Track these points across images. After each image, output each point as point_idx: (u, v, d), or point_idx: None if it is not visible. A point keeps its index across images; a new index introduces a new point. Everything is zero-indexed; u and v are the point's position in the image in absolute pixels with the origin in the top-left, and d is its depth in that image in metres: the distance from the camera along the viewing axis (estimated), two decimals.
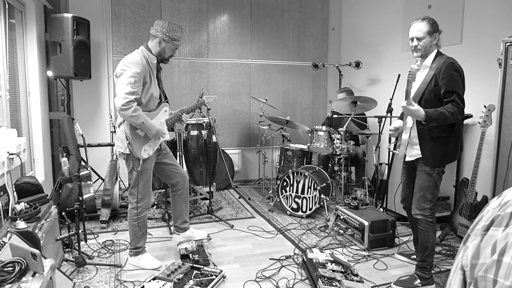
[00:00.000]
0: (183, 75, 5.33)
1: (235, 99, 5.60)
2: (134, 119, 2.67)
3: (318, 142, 4.27)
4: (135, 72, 2.68)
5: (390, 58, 4.85)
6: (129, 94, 2.63)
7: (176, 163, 3.22)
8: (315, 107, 6.01)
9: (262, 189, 5.24)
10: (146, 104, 2.82)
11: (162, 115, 2.98)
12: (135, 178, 2.86)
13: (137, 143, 2.79)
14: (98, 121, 5.02)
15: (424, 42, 2.56)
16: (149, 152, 2.86)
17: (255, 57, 5.61)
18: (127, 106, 2.62)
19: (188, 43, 5.29)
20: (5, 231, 2.24)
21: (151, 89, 2.83)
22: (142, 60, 2.76)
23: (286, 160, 4.68)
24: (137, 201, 2.90)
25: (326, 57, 5.92)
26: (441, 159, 2.60)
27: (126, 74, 2.67)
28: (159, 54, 2.88)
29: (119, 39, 4.99)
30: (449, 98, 2.47)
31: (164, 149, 3.12)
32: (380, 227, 3.37)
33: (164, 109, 3.01)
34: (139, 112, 2.68)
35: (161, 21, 2.85)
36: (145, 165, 2.87)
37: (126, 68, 2.69)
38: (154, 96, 2.87)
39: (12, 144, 2.95)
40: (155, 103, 2.91)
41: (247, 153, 5.76)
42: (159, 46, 2.85)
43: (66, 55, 4.11)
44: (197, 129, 4.07)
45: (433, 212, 2.66)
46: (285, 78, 5.80)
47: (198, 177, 4.20)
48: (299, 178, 4.12)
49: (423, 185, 2.63)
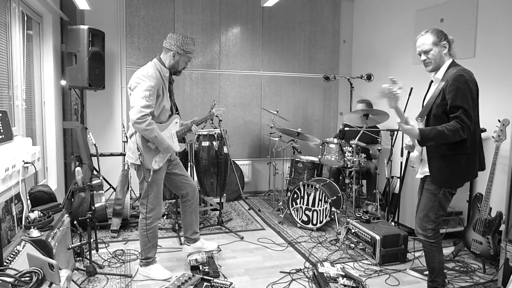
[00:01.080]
0: (194, 86, 5.39)
1: (246, 110, 5.64)
2: (147, 132, 2.70)
3: (330, 154, 4.27)
4: (150, 85, 2.71)
5: (402, 71, 4.85)
6: (145, 107, 2.67)
7: (186, 173, 3.24)
8: (326, 119, 6.02)
9: (272, 201, 5.23)
10: (158, 116, 2.86)
11: (172, 127, 3.02)
12: (145, 189, 2.89)
13: (148, 155, 2.82)
14: (110, 131, 5.09)
15: (432, 54, 2.46)
16: (160, 163, 2.88)
17: (266, 69, 5.67)
18: (142, 119, 2.65)
19: (200, 54, 5.37)
20: (19, 239, 2.27)
21: (164, 101, 2.87)
22: (156, 74, 2.79)
23: (297, 172, 4.68)
24: (148, 212, 2.93)
25: (337, 70, 5.95)
26: (447, 178, 2.45)
27: (141, 87, 2.70)
28: (173, 67, 2.92)
29: (133, 50, 5.08)
30: (454, 113, 2.33)
31: (174, 160, 3.15)
32: (392, 241, 3.33)
33: (175, 120, 3.05)
34: (153, 126, 2.71)
35: (175, 35, 2.88)
36: (156, 175, 2.89)
37: (140, 82, 2.72)
38: (166, 109, 2.91)
39: (27, 152, 2.99)
40: (166, 116, 2.95)
41: (257, 164, 5.77)
42: (173, 59, 2.89)
43: (81, 65, 4.20)
44: (208, 140, 4.10)
45: (436, 233, 2.56)
46: (296, 90, 5.83)
47: (208, 188, 4.21)
48: (310, 191, 4.11)
49: (427, 204, 2.53)
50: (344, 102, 5.91)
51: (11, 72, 3.25)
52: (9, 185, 2.67)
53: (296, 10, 5.70)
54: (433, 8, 4.35)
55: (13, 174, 2.71)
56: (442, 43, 2.47)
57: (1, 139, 2.66)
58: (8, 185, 2.64)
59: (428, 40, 2.47)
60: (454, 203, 3.48)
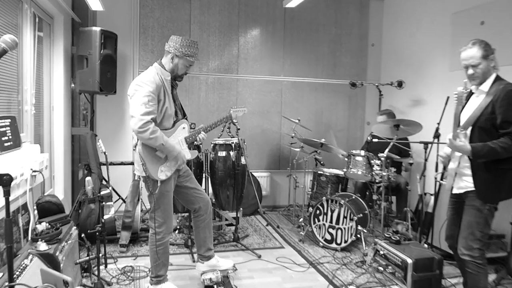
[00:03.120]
0: (210, 92, 5.44)
1: (265, 118, 5.66)
2: (152, 141, 2.71)
3: (356, 167, 4.23)
4: (148, 91, 2.72)
5: (436, 78, 4.80)
6: (145, 115, 2.68)
7: (198, 186, 3.25)
8: (351, 129, 5.99)
9: (292, 217, 5.21)
10: (161, 122, 2.86)
11: (180, 133, 3.01)
12: (154, 202, 2.89)
13: (152, 164, 2.82)
14: (121, 138, 5.14)
15: (481, 68, 2.52)
16: (167, 173, 2.87)
17: (288, 73, 5.69)
18: (144, 128, 2.67)
19: (218, 58, 5.42)
20: (27, 253, 2.32)
21: (165, 106, 2.87)
22: (155, 78, 2.81)
23: (319, 186, 4.65)
24: (158, 226, 2.93)
25: (365, 75, 5.92)
26: (496, 194, 2.51)
27: (139, 94, 2.72)
28: (172, 71, 2.94)
29: (146, 53, 5.17)
30: (506, 129, 2.43)
31: (186, 172, 3.15)
32: (425, 265, 3.27)
33: (182, 126, 3.03)
34: (157, 134, 2.72)
35: (175, 36, 2.90)
36: (165, 187, 2.89)
37: (138, 88, 2.74)
38: (169, 114, 2.91)
39: (35, 160, 3.06)
40: (170, 122, 2.95)
41: (277, 177, 5.76)
42: (172, 62, 2.91)
43: (93, 69, 4.26)
44: (225, 149, 4.10)
45: (483, 253, 2.55)
46: (319, 96, 5.83)
47: (224, 201, 4.22)
48: (334, 207, 4.08)
49: (472, 222, 2.54)
50: (371, 111, 5.87)
51: (21, 76, 3.34)
52: (17, 195, 2.74)
53: (320, 11, 5.73)
54: (472, 10, 4.31)
55: (20, 183, 2.78)
56: (490, 56, 2.53)
57: (9, 146, 2.72)
58: (15, 195, 2.70)
59: (477, 54, 2.51)
60: (496, 225, 3.40)
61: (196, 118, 5.24)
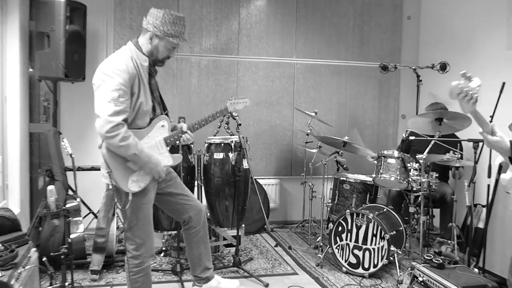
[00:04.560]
0: (204, 78, 5.39)
1: (273, 111, 5.61)
2: (123, 149, 2.68)
3: (388, 173, 4.20)
4: (118, 83, 2.66)
5: (490, 59, 4.72)
6: (114, 115, 2.62)
7: (186, 191, 3.22)
8: (382, 124, 5.94)
9: (307, 235, 5.17)
10: (133, 121, 2.83)
11: (157, 133, 2.97)
12: (129, 217, 2.85)
13: (120, 172, 2.77)
14: (91, 136, 4.94)
15: None
16: (141, 183, 2.83)
17: (302, 54, 5.62)
18: (112, 132, 2.62)
19: (213, 35, 5.37)
20: None
21: (140, 101, 2.83)
22: (128, 64, 2.75)
23: (342, 196, 4.62)
24: (135, 248, 2.89)
25: (399, 56, 5.87)
26: None
27: (107, 87, 2.66)
28: (151, 54, 2.89)
29: (123, 29, 5.12)
30: None
31: (168, 174, 3.10)
32: None
33: (161, 123, 2.99)
34: (129, 141, 2.68)
35: (155, 10, 2.85)
36: (140, 199, 2.85)
37: (105, 79, 2.68)
38: (144, 111, 2.87)
39: None
40: (146, 120, 2.92)
41: (288, 185, 5.72)
42: (150, 43, 2.86)
43: (56, 49, 4.21)
44: (222, 151, 4.05)
45: None
46: (342, 83, 5.77)
47: (222, 216, 4.18)
48: (360, 222, 4.05)
49: None
50: (408, 101, 5.81)
51: None
52: None
53: None
54: None
55: None
56: None
57: None
58: None
59: None
60: None
61: (186, 112, 5.20)
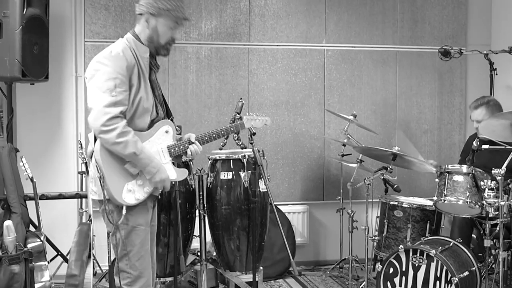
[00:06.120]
0: (205, 72, 4.99)
1: (297, 115, 5.16)
2: (120, 147, 2.67)
3: (454, 194, 3.99)
4: (115, 71, 2.73)
5: None
6: (110, 106, 2.67)
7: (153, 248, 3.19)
8: (445, 128, 5.47)
9: (347, 280, 4.78)
10: (131, 120, 2.83)
11: (161, 139, 2.98)
12: (122, 243, 2.83)
13: (114, 177, 2.77)
14: (58, 155, 4.87)
15: None
16: (139, 195, 2.81)
17: (334, 39, 5.22)
18: (109, 126, 2.64)
19: (216, 16, 4.97)
20: None
21: (140, 95, 2.83)
22: (126, 52, 2.82)
23: (393, 226, 4.38)
24: (130, 283, 2.84)
25: (465, 38, 5.46)
26: None
27: (101, 76, 2.73)
28: (151, 40, 2.95)
29: (97, 11, 4.79)
30: None
31: None
32: None
33: (165, 128, 3.00)
34: (128, 137, 2.68)
35: None
36: (136, 217, 2.84)
37: (100, 67, 2.75)
38: (144, 108, 2.87)
39: None
40: (146, 120, 2.91)
41: (319, 212, 5.32)
42: (148, 26, 2.92)
43: (10, 41, 4.12)
44: (232, 169, 3.89)
45: None
46: (389, 75, 5.34)
47: (232, 256, 3.99)
48: (419, 261, 3.83)
49: None
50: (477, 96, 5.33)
51: None
52: None
53: None
54: None
55: None
56: None
57: None
58: None
59: None
60: None
61: (182, 117, 4.99)
